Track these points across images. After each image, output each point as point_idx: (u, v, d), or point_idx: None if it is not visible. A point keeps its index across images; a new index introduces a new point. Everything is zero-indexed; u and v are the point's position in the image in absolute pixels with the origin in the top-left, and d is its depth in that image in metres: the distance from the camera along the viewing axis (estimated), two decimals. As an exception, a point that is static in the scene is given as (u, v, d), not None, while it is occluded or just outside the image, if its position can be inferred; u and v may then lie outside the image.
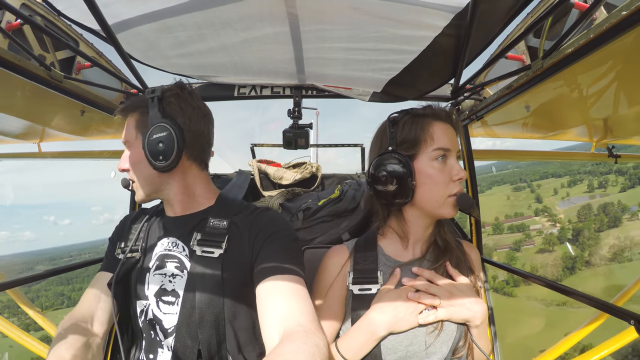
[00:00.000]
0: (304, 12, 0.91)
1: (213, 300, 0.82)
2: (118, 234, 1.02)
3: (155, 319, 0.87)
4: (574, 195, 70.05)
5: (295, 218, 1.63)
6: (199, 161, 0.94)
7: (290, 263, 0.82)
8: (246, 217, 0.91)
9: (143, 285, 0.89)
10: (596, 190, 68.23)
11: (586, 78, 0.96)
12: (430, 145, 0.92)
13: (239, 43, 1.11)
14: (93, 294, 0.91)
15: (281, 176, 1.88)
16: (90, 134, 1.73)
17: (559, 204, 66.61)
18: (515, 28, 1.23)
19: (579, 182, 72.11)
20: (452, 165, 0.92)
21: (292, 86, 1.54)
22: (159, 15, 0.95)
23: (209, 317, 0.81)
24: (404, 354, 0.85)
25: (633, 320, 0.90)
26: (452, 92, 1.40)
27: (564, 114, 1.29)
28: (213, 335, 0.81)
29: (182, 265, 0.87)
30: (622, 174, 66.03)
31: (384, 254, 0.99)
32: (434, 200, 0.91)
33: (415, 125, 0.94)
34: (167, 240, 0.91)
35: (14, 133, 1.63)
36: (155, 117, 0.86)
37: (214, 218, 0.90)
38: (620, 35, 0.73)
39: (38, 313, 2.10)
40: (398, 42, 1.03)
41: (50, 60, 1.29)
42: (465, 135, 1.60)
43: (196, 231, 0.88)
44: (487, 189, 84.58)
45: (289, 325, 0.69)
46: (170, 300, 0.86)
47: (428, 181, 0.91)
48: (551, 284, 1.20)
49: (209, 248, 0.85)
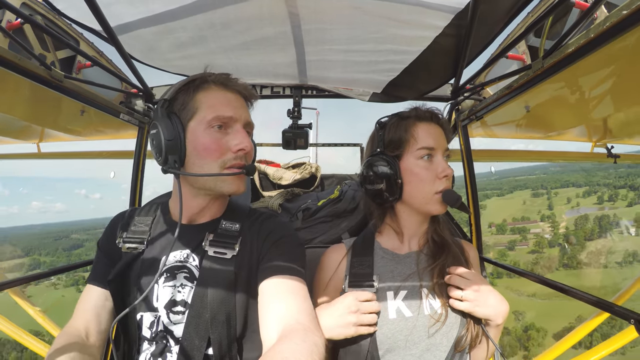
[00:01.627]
0: (305, 12, 0.91)
1: (225, 299, 0.81)
2: (113, 227, 0.97)
3: (166, 330, 0.85)
4: (583, 205, 73.16)
5: (294, 218, 1.62)
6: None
7: (293, 264, 0.82)
8: (255, 221, 0.93)
9: (153, 295, 0.86)
10: (605, 203, 71.67)
11: (587, 78, 0.96)
12: (414, 145, 0.96)
13: (239, 45, 1.11)
14: (86, 306, 0.88)
15: (280, 176, 1.88)
16: (89, 134, 1.73)
17: (566, 213, 70.10)
18: (516, 27, 1.23)
19: (593, 193, 75.24)
20: (438, 163, 0.96)
21: (292, 86, 1.54)
22: (159, 16, 0.95)
23: (220, 317, 0.81)
24: (404, 344, 0.87)
25: (633, 319, 0.90)
26: (452, 92, 1.40)
27: (564, 114, 1.29)
28: (224, 335, 0.81)
29: (192, 276, 0.86)
30: (634, 190, 69.89)
31: (381, 248, 1.02)
32: (420, 197, 0.96)
33: (400, 127, 1.00)
34: (179, 253, 0.88)
35: (13, 133, 1.63)
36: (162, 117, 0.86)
37: (226, 221, 0.90)
38: (621, 34, 0.73)
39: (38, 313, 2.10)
40: (398, 42, 1.03)
41: (50, 59, 1.29)
42: (465, 136, 1.60)
43: (208, 232, 0.88)
44: (508, 192, 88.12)
45: (288, 323, 0.69)
46: (180, 310, 0.85)
47: (414, 179, 0.96)
48: (552, 284, 1.20)
49: (221, 249, 0.85)
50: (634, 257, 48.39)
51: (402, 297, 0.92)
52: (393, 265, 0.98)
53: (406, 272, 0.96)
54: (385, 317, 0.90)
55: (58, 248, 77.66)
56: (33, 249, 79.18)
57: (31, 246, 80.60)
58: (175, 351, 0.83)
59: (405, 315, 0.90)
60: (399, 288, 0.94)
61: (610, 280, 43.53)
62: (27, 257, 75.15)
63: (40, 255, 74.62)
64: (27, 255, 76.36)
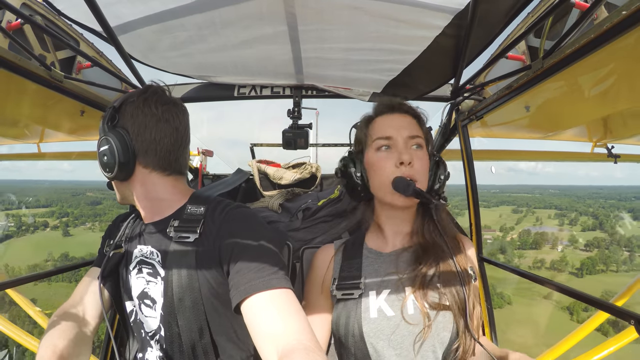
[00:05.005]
0: (304, 11, 0.91)
1: (190, 284, 0.82)
2: (110, 230, 1.04)
3: (140, 321, 0.90)
4: (546, 225, 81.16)
5: (295, 218, 1.63)
6: (160, 168, 0.90)
7: (270, 273, 0.75)
8: (217, 214, 0.87)
9: (129, 286, 0.91)
10: (565, 225, 79.59)
11: (587, 78, 0.96)
12: (370, 137, 0.98)
13: (238, 43, 1.11)
14: (85, 288, 0.93)
15: (281, 176, 1.88)
16: (89, 135, 1.73)
17: (524, 228, 76.87)
18: (516, 28, 1.23)
19: (563, 216, 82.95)
20: (398, 152, 0.92)
21: (292, 86, 1.54)
22: (159, 15, 0.95)
23: (187, 302, 0.81)
24: (387, 343, 0.85)
25: (633, 320, 0.90)
26: (452, 92, 1.40)
27: (564, 114, 1.29)
28: (193, 321, 0.81)
29: (155, 272, 0.87)
30: (595, 218, 77.65)
31: (367, 248, 1.02)
32: (380, 188, 0.95)
33: (362, 124, 1.03)
34: (144, 247, 0.91)
35: (13, 133, 1.62)
36: (102, 130, 0.87)
37: (191, 205, 0.90)
38: (621, 35, 0.73)
39: (38, 313, 2.10)
40: (398, 42, 1.03)
41: (50, 60, 1.28)
42: (465, 136, 1.60)
43: (174, 218, 0.89)
44: (494, 205, 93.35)
45: (289, 343, 0.66)
46: (149, 304, 0.88)
47: (373, 171, 0.96)
48: (552, 284, 1.19)
49: (185, 233, 0.85)
50: (541, 263, 55.71)
51: (385, 297, 0.90)
52: (378, 264, 0.97)
53: (389, 271, 0.94)
54: (367, 316, 0.88)
55: (80, 203, 79.41)
56: (54, 201, 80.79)
57: (52, 199, 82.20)
58: (154, 345, 0.88)
59: (387, 315, 0.87)
60: (380, 287, 0.92)
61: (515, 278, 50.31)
62: (52, 207, 77.28)
63: (63, 208, 77.10)
64: (50, 206, 78.27)
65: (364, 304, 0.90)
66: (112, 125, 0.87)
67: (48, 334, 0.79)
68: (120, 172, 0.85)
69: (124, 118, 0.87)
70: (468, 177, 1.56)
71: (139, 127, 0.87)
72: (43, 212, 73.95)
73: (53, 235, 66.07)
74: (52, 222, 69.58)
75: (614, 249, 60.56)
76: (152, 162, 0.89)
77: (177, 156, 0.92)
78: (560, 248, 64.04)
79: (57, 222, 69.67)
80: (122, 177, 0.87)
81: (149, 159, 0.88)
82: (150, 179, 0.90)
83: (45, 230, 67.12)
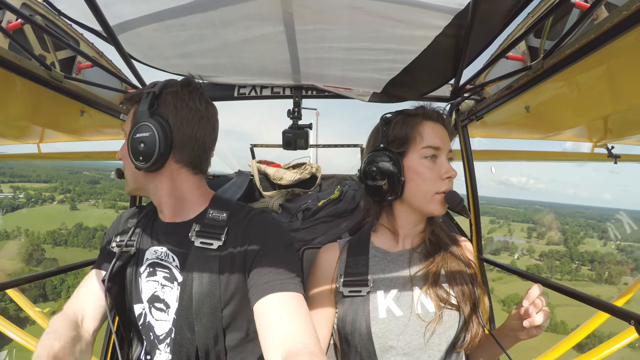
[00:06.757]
0: (303, 11, 0.91)
1: (210, 291, 0.80)
2: (114, 228, 1.01)
3: (150, 324, 0.88)
4: (515, 236, 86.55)
5: (295, 218, 1.62)
6: (191, 166, 0.89)
7: (288, 277, 0.78)
8: (240, 220, 0.87)
9: (138, 288, 0.89)
10: (533, 238, 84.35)
11: (587, 78, 0.96)
12: (419, 143, 0.95)
13: (238, 43, 1.11)
14: (86, 290, 0.91)
15: (281, 177, 1.88)
16: (89, 134, 1.73)
17: (494, 237, 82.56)
18: (516, 28, 1.22)
19: (533, 230, 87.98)
20: (441, 164, 0.95)
21: (292, 86, 1.54)
22: (159, 15, 0.95)
23: (206, 309, 0.80)
24: (396, 343, 0.86)
25: (633, 320, 0.90)
26: (452, 93, 1.40)
27: (564, 115, 1.29)
28: (210, 328, 0.80)
29: (172, 277, 0.85)
30: (563, 234, 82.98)
31: (374, 247, 1.02)
32: (421, 196, 0.94)
33: (406, 124, 0.98)
34: (159, 249, 0.88)
35: (13, 133, 1.62)
36: (143, 115, 0.82)
37: (213, 210, 0.88)
38: (621, 35, 0.73)
39: (38, 313, 2.10)
40: (398, 42, 1.03)
41: (50, 60, 1.28)
42: (465, 136, 1.60)
43: (195, 222, 0.87)
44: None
45: (294, 345, 0.67)
46: (161, 308, 0.86)
47: (416, 178, 0.94)
48: (552, 284, 1.19)
49: (207, 239, 0.83)
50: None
51: (393, 296, 0.91)
52: (385, 264, 0.97)
53: (397, 271, 0.95)
54: (376, 316, 0.88)
55: (80, 181, 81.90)
56: (54, 177, 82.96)
57: (51, 175, 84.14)
58: (163, 349, 0.86)
59: (396, 315, 0.88)
60: (389, 287, 0.92)
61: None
62: (53, 183, 79.90)
63: (63, 184, 79.24)
64: (50, 182, 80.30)
65: (372, 303, 0.90)
66: (153, 112, 0.83)
67: (46, 334, 0.77)
68: (154, 164, 0.82)
69: (165, 107, 0.84)
70: (468, 178, 1.56)
71: (181, 120, 0.84)
72: (46, 187, 77.46)
73: (61, 208, 69.80)
74: (57, 196, 74.00)
75: (565, 261, 67.24)
76: (185, 159, 0.87)
77: (208, 156, 0.93)
78: (516, 256, 70.99)
79: (62, 197, 74.22)
80: (154, 168, 0.84)
81: (184, 154, 0.86)
82: (179, 175, 0.88)
83: (52, 204, 72.04)
